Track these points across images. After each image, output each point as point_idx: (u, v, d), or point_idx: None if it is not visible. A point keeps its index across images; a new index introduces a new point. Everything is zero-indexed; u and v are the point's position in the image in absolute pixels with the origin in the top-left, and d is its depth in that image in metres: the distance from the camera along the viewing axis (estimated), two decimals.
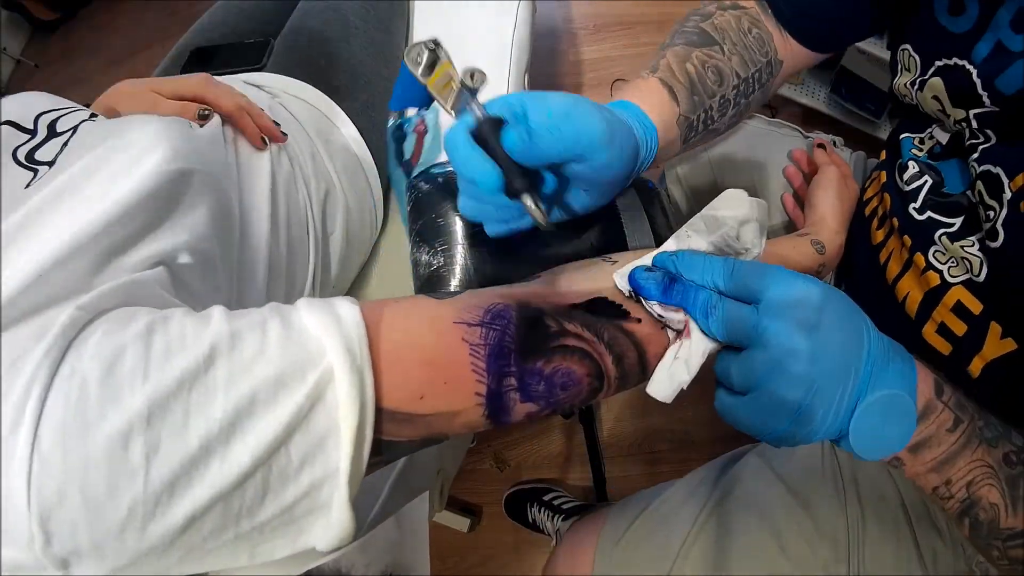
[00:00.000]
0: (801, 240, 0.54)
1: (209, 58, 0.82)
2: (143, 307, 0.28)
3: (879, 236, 0.57)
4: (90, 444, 0.23)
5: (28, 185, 0.36)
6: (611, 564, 0.62)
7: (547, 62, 1.68)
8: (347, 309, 0.29)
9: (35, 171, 0.37)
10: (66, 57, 2.11)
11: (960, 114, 0.47)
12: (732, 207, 0.39)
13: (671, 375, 0.37)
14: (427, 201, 0.52)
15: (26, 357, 0.24)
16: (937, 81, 0.48)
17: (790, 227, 0.70)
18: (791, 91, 1.41)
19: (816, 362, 0.32)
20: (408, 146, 0.55)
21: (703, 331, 0.36)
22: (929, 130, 0.54)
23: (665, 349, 0.38)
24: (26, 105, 0.43)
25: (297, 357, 0.27)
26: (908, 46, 0.51)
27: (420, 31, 0.98)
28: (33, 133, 0.40)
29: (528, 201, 0.36)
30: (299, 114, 0.70)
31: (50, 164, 0.38)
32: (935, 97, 0.49)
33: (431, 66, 0.36)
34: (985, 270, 0.45)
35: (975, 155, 0.46)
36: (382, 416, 0.29)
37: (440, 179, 0.52)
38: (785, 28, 0.55)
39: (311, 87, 0.74)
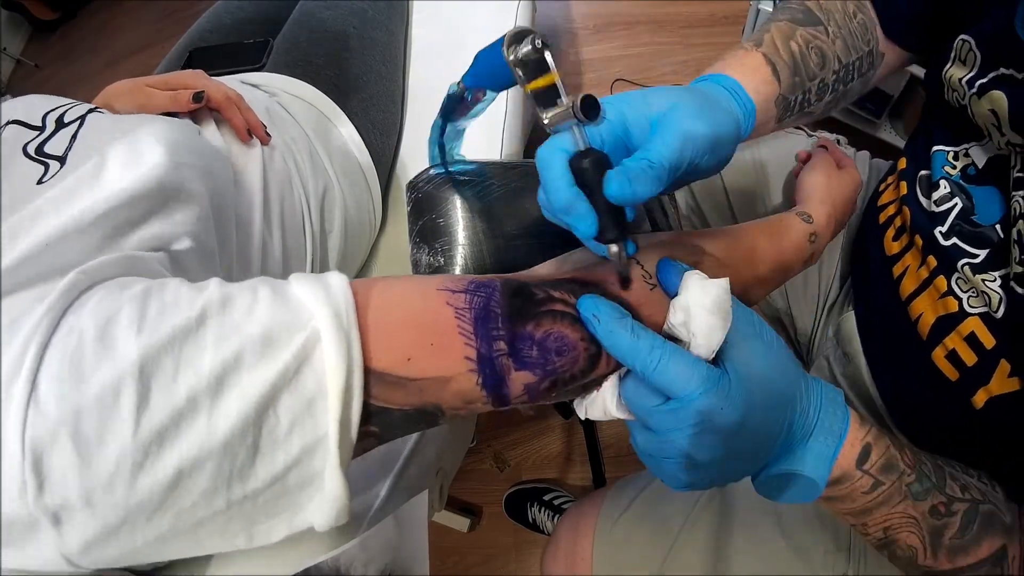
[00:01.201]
0: (787, 215, 0.52)
1: (209, 58, 0.82)
2: (142, 277, 0.29)
3: (894, 248, 0.55)
4: (83, 392, 0.23)
5: (40, 181, 0.37)
6: (610, 543, 0.62)
7: None
8: (336, 279, 0.30)
9: (46, 165, 0.39)
10: (66, 57, 2.11)
11: (1017, 140, 0.43)
12: (687, 289, 0.35)
13: (605, 401, 0.36)
14: (427, 201, 0.52)
15: (26, 316, 0.24)
16: (1000, 96, 0.43)
17: None
18: None
19: (736, 438, 0.33)
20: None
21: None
22: (966, 146, 0.50)
23: (661, 314, 0.36)
24: (31, 106, 0.44)
25: (285, 319, 0.27)
26: (970, 38, 0.46)
27: (420, 31, 0.98)
28: (41, 129, 0.42)
29: (614, 249, 0.34)
30: (297, 114, 0.70)
31: (61, 159, 0.39)
32: (992, 111, 0.45)
33: (536, 69, 0.33)
34: (1003, 308, 0.44)
35: (1021, 192, 0.43)
36: (370, 379, 0.29)
37: (440, 179, 0.52)
38: (878, 20, 0.53)
39: (310, 86, 0.74)
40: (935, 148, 0.52)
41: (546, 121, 0.33)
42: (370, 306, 0.30)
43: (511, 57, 0.32)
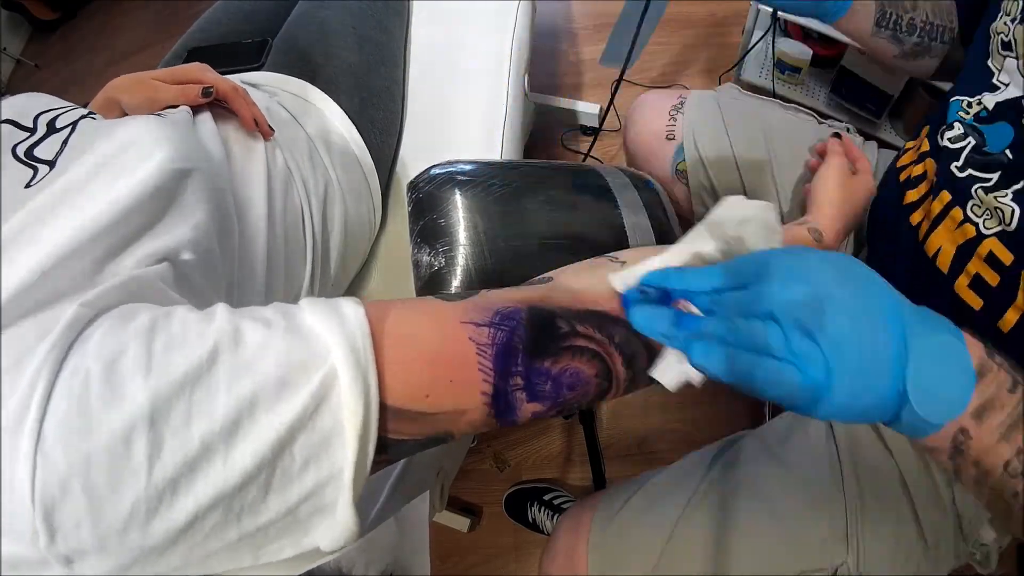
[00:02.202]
0: (797, 228, 0.54)
1: (207, 58, 0.82)
2: (146, 304, 0.28)
3: (912, 196, 0.60)
4: (93, 441, 0.23)
5: (28, 184, 0.36)
6: (606, 540, 0.62)
7: (547, 62, 1.67)
8: (351, 308, 0.29)
9: (35, 168, 0.38)
10: (66, 57, 2.11)
11: None
12: (731, 210, 0.38)
13: (680, 363, 0.36)
14: (428, 201, 0.52)
15: (30, 355, 0.24)
16: None
17: None
18: (791, 91, 1.42)
19: (836, 350, 0.29)
20: None
21: None
22: (979, 96, 0.55)
23: None
24: (25, 105, 0.43)
25: (301, 356, 0.27)
26: None
27: (420, 31, 0.98)
28: (32, 131, 0.41)
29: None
30: (297, 113, 0.70)
31: (50, 164, 0.38)
32: None
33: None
34: (1016, 221, 0.48)
35: None
36: (387, 414, 0.29)
37: (441, 179, 0.52)
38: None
39: (310, 86, 0.74)
40: (953, 98, 0.58)
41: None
42: (386, 338, 0.30)
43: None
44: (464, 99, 0.90)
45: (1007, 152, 0.51)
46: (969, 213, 0.52)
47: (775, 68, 1.42)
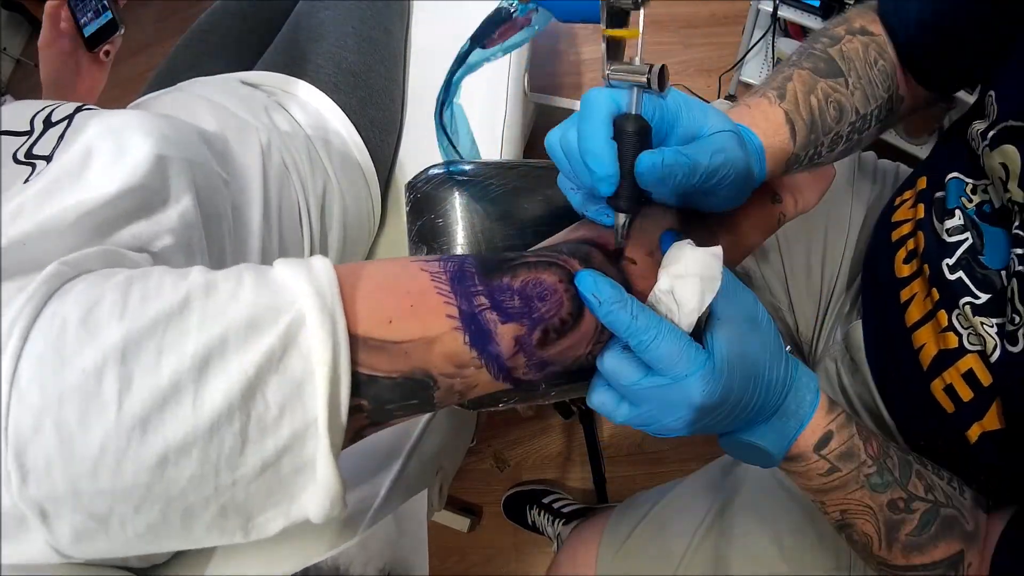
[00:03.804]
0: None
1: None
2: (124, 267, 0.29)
3: (904, 271, 0.55)
4: (65, 378, 0.23)
5: (27, 180, 0.37)
6: (613, 569, 0.62)
7: (547, 62, 1.67)
8: (319, 262, 0.30)
9: (33, 165, 0.39)
10: None
11: (1019, 197, 0.43)
12: (675, 259, 0.36)
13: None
14: (426, 201, 0.52)
15: (8, 304, 0.24)
16: (1012, 150, 0.43)
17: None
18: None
19: (708, 415, 0.34)
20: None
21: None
22: (986, 182, 0.49)
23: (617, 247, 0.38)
24: (16, 113, 0.44)
25: (269, 302, 0.27)
26: (993, 92, 0.47)
27: (420, 31, 0.98)
28: (29, 133, 0.41)
29: (621, 220, 0.35)
30: (296, 113, 0.71)
31: (47, 158, 0.39)
32: (1003, 164, 0.45)
33: (622, 20, 0.32)
34: (998, 353, 0.44)
35: (1019, 251, 0.43)
36: (354, 345, 0.28)
37: (439, 179, 0.52)
38: (901, 61, 0.52)
39: (308, 85, 0.74)
40: (952, 175, 0.51)
41: (608, 72, 0.33)
42: (348, 280, 0.30)
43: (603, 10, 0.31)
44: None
45: (1002, 275, 0.45)
46: (954, 322, 0.47)
47: (775, 68, 1.42)
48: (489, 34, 0.43)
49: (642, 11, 0.31)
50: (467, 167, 0.53)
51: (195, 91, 0.66)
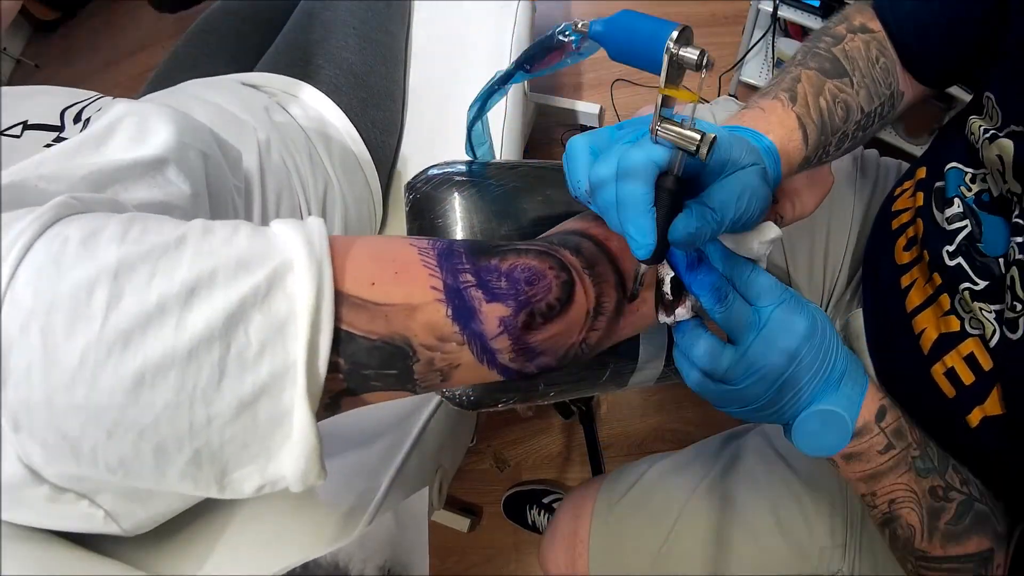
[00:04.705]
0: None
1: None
2: None
3: (905, 257, 0.55)
4: (59, 287, 0.24)
5: (48, 145, 0.39)
6: (607, 528, 0.62)
7: None
8: (314, 219, 0.31)
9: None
10: (66, 57, 2.11)
11: (1017, 188, 0.44)
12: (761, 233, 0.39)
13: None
14: (426, 202, 0.52)
15: (17, 221, 0.25)
16: (1008, 144, 0.44)
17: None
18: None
19: (794, 361, 0.37)
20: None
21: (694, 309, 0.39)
22: (984, 171, 0.49)
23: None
24: (45, 104, 0.45)
25: (261, 247, 0.28)
26: (991, 95, 0.47)
27: (420, 31, 0.98)
28: (60, 128, 0.42)
29: (642, 269, 0.37)
30: (297, 114, 0.71)
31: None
32: (999, 156, 0.45)
33: (680, 77, 0.31)
34: (997, 338, 0.44)
35: (1019, 239, 0.44)
36: (337, 300, 0.29)
37: (439, 180, 0.53)
38: (899, 58, 0.53)
39: (309, 86, 0.74)
40: (951, 164, 0.52)
41: (658, 129, 0.33)
42: (339, 242, 0.31)
43: (672, 49, 0.30)
44: (464, 99, 0.90)
45: (1000, 262, 0.46)
46: (956, 306, 0.48)
47: (775, 68, 1.42)
48: (538, 59, 0.44)
49: (703, 73, 0.30)
50: (466, 167, 0.54)
51: (193, 92, 0.66)
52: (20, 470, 0.26)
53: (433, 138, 0.88)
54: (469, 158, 0.55)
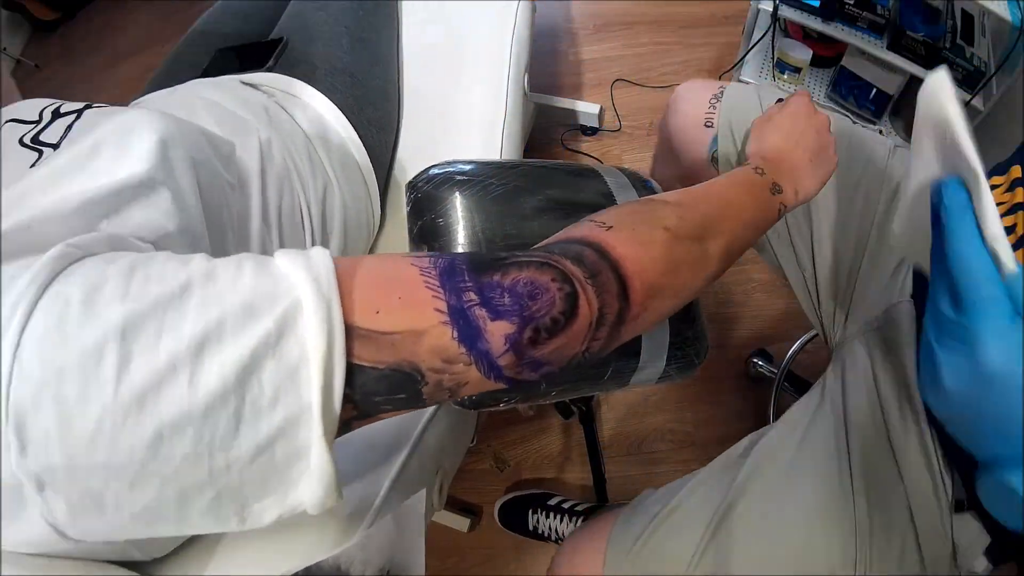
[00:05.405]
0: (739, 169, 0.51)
1: (234, 57, 0.83)
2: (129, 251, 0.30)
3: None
4: (66, 354, 0.24)
5: (33, 165, 0.38)
6: (623, 570, 0.61)
7: (547, 62, 1.67)
8: (318, 252, 0.31)
9: (40, 151, 0.40)
10: (66, 57, 2.11)
11: None
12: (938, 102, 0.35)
13: None
14: (427, 201, 0.52)
15: (15, 281, 0.25)
16: None
17: None
18: (791, 90, 1.41)
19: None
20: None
21: None
22: None
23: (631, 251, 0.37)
24: (28, 105, 0.45)
25: (267, 288, 0.28)
26: None
27: (419, 31, 0.98)
28: (38, 122, 0.42)
29: None
30: (295, 113, 0.70)
31: (54, 146, 0.41)
32: None
33: None
34: None
35: None
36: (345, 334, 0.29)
37: (440, 179, 0.52)
38: None
39: (308, 86, 0.74)
40: None
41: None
42: (344, 270, 0.31)
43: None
44: (464, 99, 0.90)
45: None
46: None
47: (775, 68, 1.42)
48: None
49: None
50: (467, 167, 0.54)
51: (194, 91, 0.66)
52: (45, 530, 0.26)
53: (433, 138, 0.88)
54: (473, 157, 0.55)
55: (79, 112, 0.44)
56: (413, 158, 0.87)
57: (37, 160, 0.39)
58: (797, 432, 0.64)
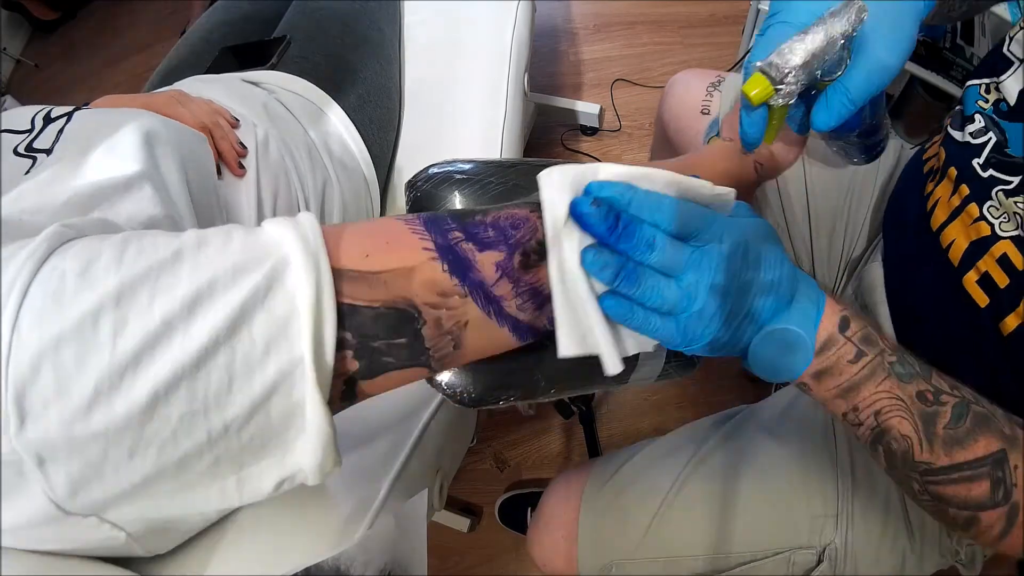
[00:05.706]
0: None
1: (236, 56, 0.83)
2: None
3: (929, 187, 0.58)
4: (63, 322, 0.24)
5: (27, 172, 0.39)
6: (597, 507, 0.63)
7: (547, 62, 1.67)
8: (305, 215, 0.31)
9: (33, 159, 0.41)
10: (66, 57, 2.11)
11: None
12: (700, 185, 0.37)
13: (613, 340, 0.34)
14: (426, 200, 0.52)
15: (12, 259, 0.25)
16: None
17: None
18: None
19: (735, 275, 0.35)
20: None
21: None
22: (997, 80, 0.52)
23: None
24: (17, 115, 0.47)
25: (255, 249, 0.28)
26: None
27: (419, 30, 0.98)
28: (30, 131, 0.42)
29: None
30: (296, 110, 0.71)
31: (47, 151, 0.41)
32: None
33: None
34: None
35: None
36: (335, 278, 0.29)
37: (439, 178, 0.52)
38: None
39: (307, 83, 0.74)
40: (969, 83, 0.55)
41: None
42: (330, 230, 0.32)
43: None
44: (464, 99, 0.90)
45: None
46: (985, 212, 0.50)
47: None
48: None
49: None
50: (466, 166, 0.53)
51: (192, 88, 0.66)
52: (45, 505, 0.26)
53: (433, 138, 0.88)
54: (473, 156, 0.55)
55: (69, 115, 0.45)
56: (413, 157, 0.87)
57: (31, 167, 0.40)
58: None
